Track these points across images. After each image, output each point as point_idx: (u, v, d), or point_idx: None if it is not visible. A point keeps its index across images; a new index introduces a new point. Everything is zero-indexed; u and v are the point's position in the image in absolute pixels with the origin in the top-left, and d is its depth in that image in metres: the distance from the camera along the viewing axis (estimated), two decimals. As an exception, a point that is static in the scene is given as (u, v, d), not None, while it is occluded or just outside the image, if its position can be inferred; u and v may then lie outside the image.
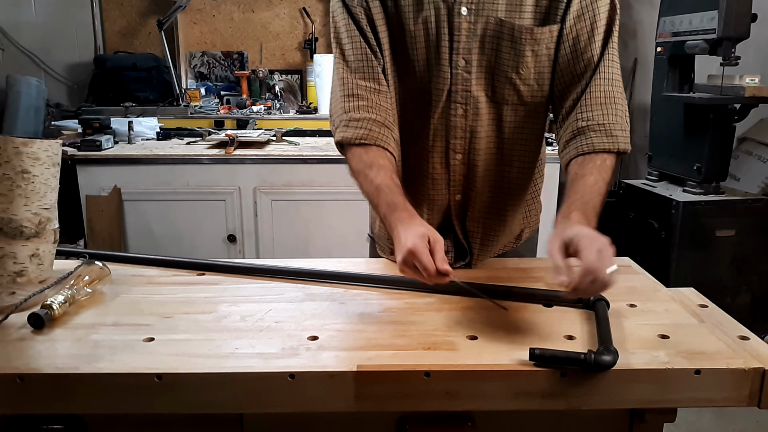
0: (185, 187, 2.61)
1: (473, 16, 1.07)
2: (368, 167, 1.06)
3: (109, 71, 3.26)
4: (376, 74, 1.12)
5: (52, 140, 1.05)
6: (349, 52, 1.12)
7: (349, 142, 1.10)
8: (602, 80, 1.07)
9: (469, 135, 1.14)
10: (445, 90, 1.11)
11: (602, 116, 1.05)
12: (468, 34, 1.08)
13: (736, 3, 2.39)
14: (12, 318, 0.93)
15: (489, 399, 0.80)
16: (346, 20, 1.12)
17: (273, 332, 0.91)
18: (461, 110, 1.13)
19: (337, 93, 1.13)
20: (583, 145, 1.05)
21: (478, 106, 1.12)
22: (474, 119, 1.13)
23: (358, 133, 1.09)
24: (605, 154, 1.04)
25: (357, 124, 1.09)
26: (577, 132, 1.06)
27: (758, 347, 0.85)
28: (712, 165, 2.63)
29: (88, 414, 0.84)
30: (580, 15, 1.07)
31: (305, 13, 3.41)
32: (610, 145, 1.04)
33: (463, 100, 1.12)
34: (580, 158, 1.04)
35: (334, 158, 2.60)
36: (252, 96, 3.36)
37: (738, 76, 2.58)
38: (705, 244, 2.61)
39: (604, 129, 1.05)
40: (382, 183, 1.04)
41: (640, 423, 0.87)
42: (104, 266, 1.07)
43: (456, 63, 1.10)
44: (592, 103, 1.06)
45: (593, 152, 1.04)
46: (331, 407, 0.81)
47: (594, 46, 1.08)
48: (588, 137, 1.05)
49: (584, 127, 1.06)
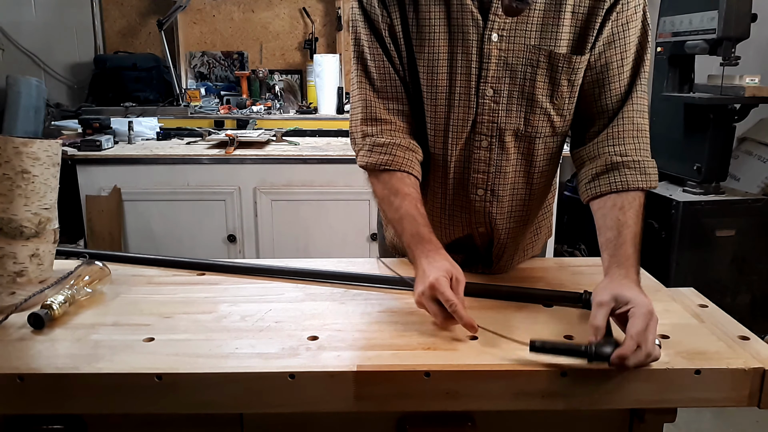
0: (185, 187, 2.61)
1: (505, 43, 1.01)
2: (393, 194, 1.03)
3: (109, 71, 3.26)
4: (400, 95, 1.08)
5: (52, 140, 1.05)
6: (372, 70, 1.07)
7: (373, 168, 1.07)
8: (634, 111, 1.03)
9: (493, 170, 1.08)
10: (470, 121, 1.05)
11: (635, 152, 1.02)
12: (498, 62, 1.02)
13: (736, 3, 2.39)
14: (12, 318, 0.93)
15: (489, 399, 0.80)
16: (368, 35, 1.07)
17: (273, 332, 0.91)
18: (485, 143, 1.06)
19: (359, 114, 1.10)
20: (617, 182, 1.00)
21: (504, 139, 1.06)
22: (500, 153, 1.07)
23: (382, 159, 1.05)
24: (638, 192, 1.00)
25: (381, 149, 1.05)
26: (610, 167, 1.01)
27: (758, 347, 0.85)
28: (712, 165, 2.63)
29: (88, 414, 0.84)
30: (611, 42, 1.02)
31: (305, 13, 3.41)
32: (643, 184, 1.00)
33: (489, 132, 1.06)
34: (614, 196, 1.00)
35: (334, 158, 2.60)
36: (252, 96, 3.36)
37: (738, 76, 2.58)
38: (705, 244, 2.61)
39: (638, 166, 1.01)
40: (407, 212, 1.00)
41: (640, 423, 0.87)
42: (104, 266, 1.07)
43: (483, 92, 1.03)
44: (625, 137, 1.02)
45: (627, 190, 0.99)
46: (331, 407, 0.81)
47: (624, 75, 1.03)
48: (623, 174, 1.00)
49: (619, 163, 1.01)
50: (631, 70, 1.04)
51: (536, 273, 1.17)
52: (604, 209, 1.00)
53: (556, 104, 1.05)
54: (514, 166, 1.09)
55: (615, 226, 0.96)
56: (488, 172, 1.09)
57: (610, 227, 0.96)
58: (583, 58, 1.02)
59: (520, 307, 1.00)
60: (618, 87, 1.04)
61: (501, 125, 1.05)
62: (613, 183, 1.00)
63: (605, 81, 1.04)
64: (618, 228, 0.95)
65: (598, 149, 1.04)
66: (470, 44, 1.02)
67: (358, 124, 1.10)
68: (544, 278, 1.14)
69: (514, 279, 1.13)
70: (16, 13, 3.32)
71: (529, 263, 1.23)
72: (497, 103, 1.04)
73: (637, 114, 1.03)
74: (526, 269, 1.19)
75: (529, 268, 1.20)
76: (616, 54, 1.03)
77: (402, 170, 1.05)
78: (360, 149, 1.09)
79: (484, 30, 1.01)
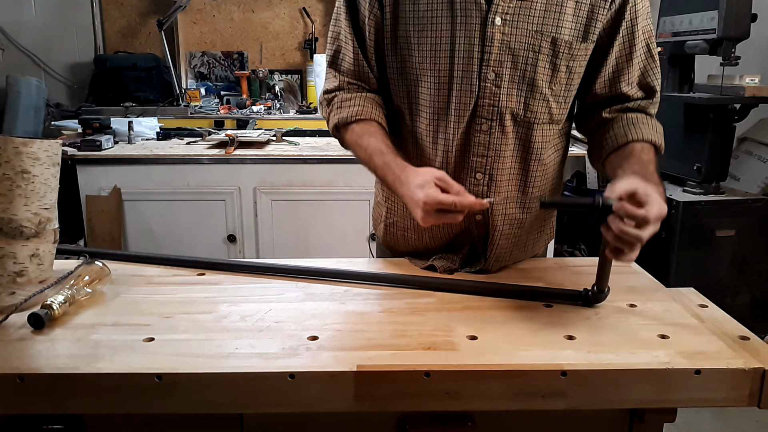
0: (185, 187, 2.61)
1: (508, 27, 1.02)
2: (359, 137, 1.09)
3: (109, 71, 3.26)
4: (370, 82, 1.14)
5: (52, 140, 1.05)
6: (347, 59, 1.13)
7: (345, 123, 1.11)
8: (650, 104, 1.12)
9: (492, 154, 1.09)
10: (471, 104, 1.06)
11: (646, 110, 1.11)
12: (501, 46, 1.02)
13: (736, 3, 2.39)
14: (12, 318, 0.93)
15: (489, 399, 0.80)
16: (348, 24, 1.11)
17: (273, 332, 0.91)
18: (486, 126, 1.07)
19: (329, 83, 1.16)
20: (630, 133, 1.06)
21: (504, 123, 1.07)
22: (499, 137, 1.08)
23: (351, 111, 1.10)
24: (651, 146, 1.06)
25: (349, 102, 1.11)
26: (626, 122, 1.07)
27: (758, 347, 0.85)
28: (712, 165, 2.63)
29: (88, 414, 0.84)
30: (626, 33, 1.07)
31: (305, 13, 3.41)
32: (656, 138, 1.07)
33: (489, 115, 1.06)
34: (638, 144, 1.04)
35: (334, 158, 2.60)
36: (252, 96, 3.36)
37: (738, 76, 2.58)
38: (705, 244, 2.61)
39: (651, 122, 1.09)
40: (374, 148, 1.05)
41: (640, 423, 0.88)
42: (104, 266, 1.07)
43: (485, 76, 1.04)
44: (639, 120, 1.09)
45: (642, 140, 1.05)
46: (331, 407, 0.81)
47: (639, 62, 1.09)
48: (638, 128, 1.06)
49: (633, 115, 1.08)
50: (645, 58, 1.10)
51: (536, 273, 1.17)
52: (622, 155, 1.04)
53: (554, 90, 1.07)
54: (512, 151, 1.10)
55: (639, 162, 1.00)
56: (487, 156, 1.09)
57: (634, 162, 1.00)
58: (584, 45, 1.05)
59: (520, 307, 1.00)
60: (634, 73, 1.09)
61: (501, 109, 1.06)
62: (629, 134, 1.06)
63: (622, 70, 1.09)
64: (642, 164, 0.99)
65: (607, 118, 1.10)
66: (473, 27, 1.02)
67: (330, 90, 1.15)
68: (544, 278, 1.14)
69: (514, 278, 1.13)
70: (16, 13, 3.32)
71: (529, 263, 1.23)
72: (498, 86, 1.05)
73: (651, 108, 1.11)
74: (526, 269, 1.19)
75: (529, 268, 1.20)
76: (626, 44, 1.07)
77: (371, 119, 1.10)
78: (331, 111, 1.14)
79: (488, 14, 1.01)
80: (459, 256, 1.17)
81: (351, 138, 1.11)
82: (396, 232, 1.25)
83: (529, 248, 1.23)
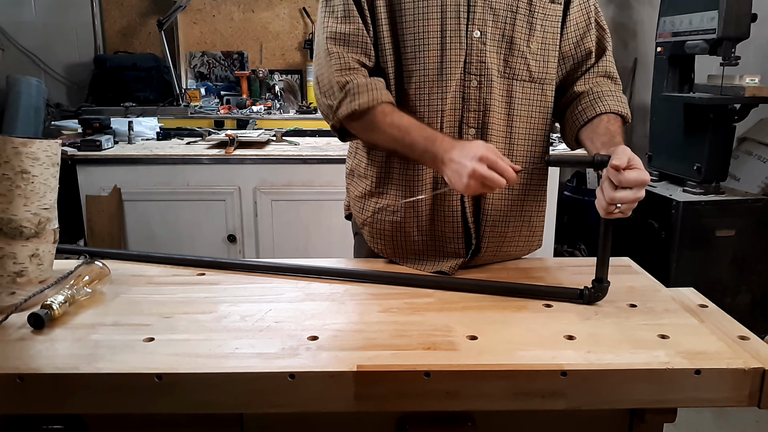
0: (185, 187, 2.61)
1: None
2: (386, 118, 1.09)
3: (109, 71, 3.26)
4: (369, 51, 1.14)
5: (51, 140, 1.05)
6: (344, 26, 1.13)
7: (362, 111, 1.09)
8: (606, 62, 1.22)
9: (482, 108, 1.14)
10: (461, 61, 1.12)
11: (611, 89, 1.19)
12: (484, 5, 1.11)
13: (736, 3, 2.39)
14: (12, 318, 0.93)
15: (489, 399, 0.80)
16: None
17: (273, 332, 0.91)
18: (475, 82, 1.13)
19: (334, 66, 1.12)
20: (596, 107, 1.15)
21: (491, 79, 1.13)
22: (487, 92, 1.14)
23: (365, 98, 1.09)
24: (617, 116, 1.15)
25: (362, 88, 1.10)
26: (592, 97, 1.16)
27: (758, 347, 0.85)
28: (712, 165, 2.63)
29: (88, 414, 0.84)
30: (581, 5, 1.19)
31: (305, 13, 3.41)
32: (621, 108, 1.15)
33: (478, 71, 1.13)
34: (597, 119, 1.14)
35: (334, 158, 2.60)
36: (252, 96, 3.36)
37: (738, 76, 2.58)
38: (705, 244, 2.61)
39: (614, 95, 1.17)
40: (410, 123, 1.08)
41: (640, 423, 0.88)
42: (104, 266, 1.07)
43: (471, 34, 1.11)
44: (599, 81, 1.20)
45: (608, 113, 1.14)
46: (331, 407, 0.81)
47: (592, 33, 1.21)
48: (604, 102, 1.15)
49: (597, 92, 1.17)
50: (596, 30, 1.21)
51: (536, 273, 1.17)
52: (591, 127, 1.14)
53: (531, 48, 1.15)
54: (498, 105, 1.16)
55: (606, 133, 1.10)
56: (478, 111, 1.15)
57: (602, 134, 1.10)
58: (555, 5, 1.16)
59: (520, 307, 1.00)
60: (589, 45, 1.20)
61: (488, 65, 1.13)
62: (595, 108, 1.15)
63: (579, 40, 1.20)
64: (611, 134, 1.09)
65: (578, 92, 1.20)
66: None
67: (334, 77, 1.12)
68: (544, 278, 1.14)
69: (514, 278, 1.13)
70: (16, 13, 3.32)
71: (529, 263, 1.23)
72: (484, 44, 1.13)
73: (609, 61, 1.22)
74: (526, 269, 1.19)
75: (529, 268, 1.20)
76: (584, 16, 1.20)
77: (381, 103, 1.10)
78: (341, 100, 1.11)
79: None
80: (454, 261, 1.18)
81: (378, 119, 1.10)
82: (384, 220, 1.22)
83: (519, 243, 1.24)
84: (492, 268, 1.21)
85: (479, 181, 0.97)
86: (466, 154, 0.98)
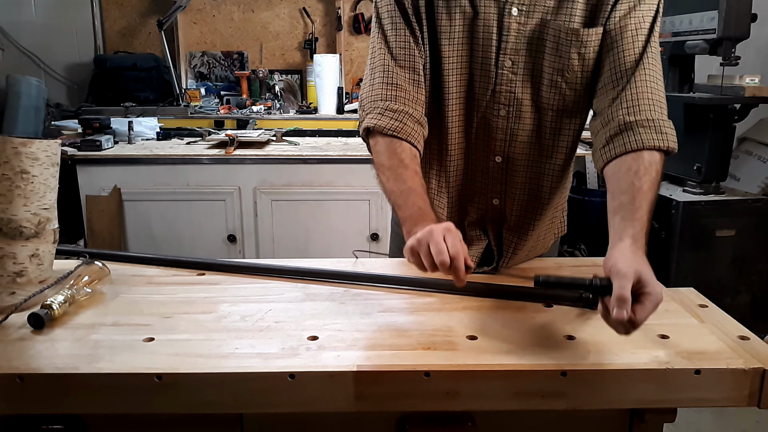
0: (185, 187, 2.61)
1: (524, 17, 1.06)
2: (401, 165, 1.04)
3: (109, 71, 3.26)
4: (416, 65, 1.10)
5: (51, 140, 1.05)
6: (392, 38, 1.10)
7: (381, 131, 1.06)
8: (647, 76, 1.02)
9: (509, 137, 1.12)
10: (489, 90, 1.10)
11: (650, 112, 1.00)
12: (517, 35, 1.07)
13: (736, 3, 2.38)
14: (12, 318, 0.93)
15: (489, 399, 0.80)
16: (392, 8, 1.10)
17: (273, 332, 0.91)
18: (504, 111, 1.11)
19: (377, 78, 1.10)
20: (631, 142, 0.97)
21: (521, 109, 1.11)
22: (516, 122, 1.11)
23: (392, 125, 1.06)
24: (654, 151, 0.97)
25: (393, 115, 1.07)
26: (624, 127, 0.99)
27: (758, 347, 0.85)
28: (712, 165, 2.63)
29: (88, 414, 0.84)
30: (627, 14, 1.04)
31: (305, 13, 3.41)
32: (660, 143, 0.98)
33: (506, 101, 1.10)
34: (628, 157, 0.97)
35: (334, 158, 2.60)
36: (252, 96, 3.36)
37: (738, 76, 2.58)
38: (705, 244, 2.61)
39: (653, 125, 0.99)
40: (415, 187, 1.01)
41: (640, 423, 0.87)
42: (104, 266, 1.07)
43: (502, 63, 1.08)
44: (639, 98, 1.01)
45: (642, 149, 0.97)
46: (331, 407, 0.81)
47: (638, 44, 1.03)
48: (637, 133, 0.98)
49: (632, 122, 0.99)
50: (644, 39, 1.04)
51: (536, 273, 1.16)
52: (618, 174, 0.97)
53: (567, 77, 1.08)
54: (529, 136, 1.13)
55: (629, 190, 0.93)
56: (505, 140, 1.13)
57: (624, 191, 0.93)
58: (593, 30, 1.05)
59: (520, 307, 1.00)
60: (632, 54, 1.03)
61: (518, 95, 1.10)
62: (627, 143, 0.98)
63: (620, 49, 1.04)
64: (632, 192, 0.92)
65: (611, 114, 1.02)
66: (491, 17, 1.07)
67: (375, 88, 1.10)
68: (544, 278, 1.14)
69: (514, 278, 1.13)
70: (16, 13, 3.32)
71: (529, 263, 1.23)
72: (515, 74, 1.09)
73: (651, 79, 1.02)
74: (526, 269, 1.19)
75: (528, 268, 1.20)
76: (631, 24, 1.03)
77: (409, 141, 1.06)
78: (369, 112, 1.09)
79: (505, 4, 1.06)
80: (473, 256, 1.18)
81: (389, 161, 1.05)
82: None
83: (539, 247, 1.25)
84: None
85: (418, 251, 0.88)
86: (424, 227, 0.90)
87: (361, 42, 3.46)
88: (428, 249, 0.87)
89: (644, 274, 0.80)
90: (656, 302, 0.79)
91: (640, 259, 0.83)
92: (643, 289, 0.79)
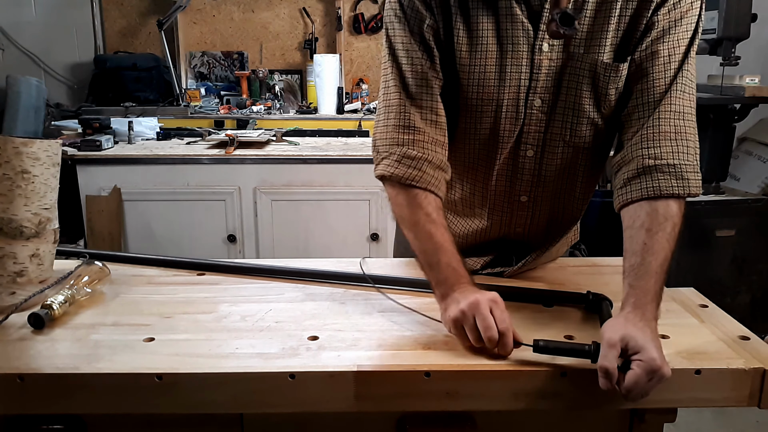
0: (185, 187, 2.61)
1: (555, 53, 0.98)
2: (428, 220, 0.96)
3: (109, 71, 3.26)
4: (436, 104, 1.02)
5: (52, 140, 1.05)
6: (408, 73, 1.01)
7: (399, 181, 0.99)
8: (671, 111, 0.94)
9: (536, 178, 1.07)
10: (516, 131, 1.03)
11: (672, 154, 0.93)
12: (548, 72, 0.99)
13: (736, 3, 2.38)
14: (12, 318, 0.93)
15: (489, 399, 0.80)
16: (407, 38, 1.00)
17: (273, 332, 0.91)
18: (531, 152, 1.04)
19: (392, 120, 1.01)
20: (648, 188, 0.92)
21: (551, 149, 1.04)
22: (546, 162, 1.05)
23: (410, 173, 0.98)
24: (673, 200, 0.92)
25: (410, 162, 0.99)
26: (642, 171, 0.93)
27: (758, 347, 0.86)
28: (712, 165, 2.63)
29: (88, 414, 0.84)
30: (660, 37, 0.95)
31: (305, 13, 3.41)
32: (680, 189, 0.92)
33: (535, 141, 1.03)
34: (644, 207, 0.92)
35: (334, 158, 2.59)
36: (252, 96, 3.36)
37: (738, 76, 2.58)
38: (705, 244, 2.61)
39: (674, 170, 0.92)
40: (445, 244, 0.94)
41: (640, 423, 0.88)
42: (104, 266, 1.07)
43: (532, 103, 1.01)
44: (660, 138, 0.94)
45: (659, 198, 0.92)
46: (331, 407, 0.81)
47: (669, 74, 0.95)
48: (655, 179, 0.92)
49: (651, 166, 0.93)
50: (677, 67, 0.96)
51: (536, 273, 1.17)
52: (631, 229, 0.92)
53: (603, 113, 1.01)
54: (559, 174, 1.07)
55: (640, 252, 0.88)
56: (532, 181, 1.07)
57: (635, 252, 0.89)
58: (625, 64, 0.98)
59: (520, 308, 1.00)
60: (662, 85, 0.96)
61: (548, 135, 1.03)
62: (644, 189, 0.93)
63: (648, 79, 0.96)
64: (643, 254, 0.88)
65: (631, 152, 0.96)
66: (521, 55, 0.99)
67: (390, 131, 1.01)
68: (544, 278, 1.14)
69: (515, 279, 1.13)
70: (16, 13, 3.32)
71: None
72: (545, 113, 1.02)
73: (675, 115, 0.94)
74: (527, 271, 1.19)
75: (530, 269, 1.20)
76: (663, 50, 0.96)
77: (429, 189, 0.98)
78: (385, 158, 1.01)
79: (535, 40, 0.98)
80: (483, 259, 1.17)
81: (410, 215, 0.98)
82: None
83: (553, 254, 1.22)
84: (492, 268, 1.20)
85: (464, 323, 0.84)
86: (465, 294, 0.87)
87: (361, 42, 3.46)
88: (474, 323, 0.83)
89: (633, 340, 0.77)
90: (648, 369, 0.75)
91: (633, 326, 0.79)
92: (634, 356, 0.76)
